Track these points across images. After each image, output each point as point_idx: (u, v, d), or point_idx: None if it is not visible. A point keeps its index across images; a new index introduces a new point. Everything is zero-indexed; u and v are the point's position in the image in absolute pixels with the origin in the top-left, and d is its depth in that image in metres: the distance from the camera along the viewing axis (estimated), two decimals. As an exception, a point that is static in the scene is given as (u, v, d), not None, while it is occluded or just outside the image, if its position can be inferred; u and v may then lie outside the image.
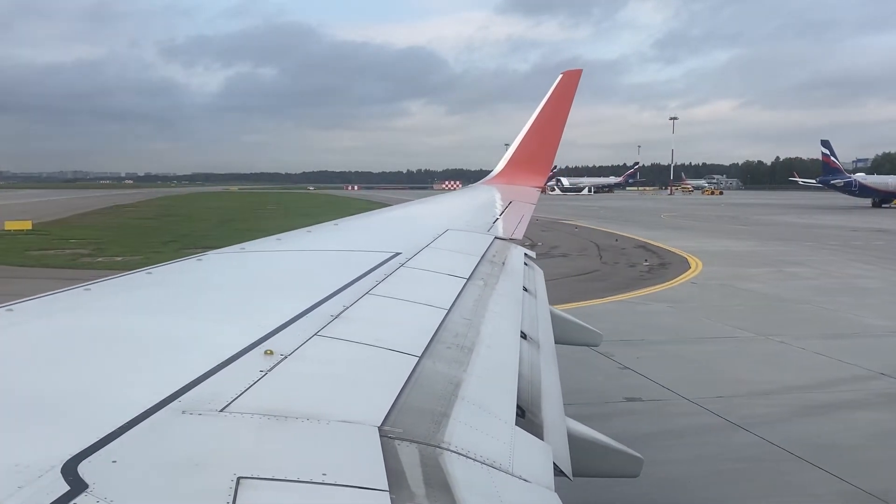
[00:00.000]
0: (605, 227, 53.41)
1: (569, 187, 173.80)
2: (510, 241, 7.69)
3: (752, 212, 77.24)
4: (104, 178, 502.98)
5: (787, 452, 10.13)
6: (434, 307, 3.84)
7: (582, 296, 22.53)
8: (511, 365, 3.36)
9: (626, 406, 12.23)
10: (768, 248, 37.65)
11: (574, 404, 11.98)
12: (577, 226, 54.67)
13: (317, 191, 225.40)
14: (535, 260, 7.76)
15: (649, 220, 64.51)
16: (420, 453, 2.07)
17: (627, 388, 13.14)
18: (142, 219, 68.13)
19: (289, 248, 5.82)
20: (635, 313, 20.23)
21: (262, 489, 1.71)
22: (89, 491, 1.59)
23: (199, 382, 2.28)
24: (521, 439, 2.53)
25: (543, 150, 13.48)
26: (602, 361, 14.67)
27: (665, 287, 24.67)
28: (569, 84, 13.22)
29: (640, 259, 32.32)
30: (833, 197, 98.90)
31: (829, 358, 15.17)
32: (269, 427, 2.04)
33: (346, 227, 7.49)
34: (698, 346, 16.50)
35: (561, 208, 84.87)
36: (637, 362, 14.66)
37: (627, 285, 25.05)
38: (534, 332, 4.41)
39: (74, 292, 3.64)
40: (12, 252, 34.99)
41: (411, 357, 2.89)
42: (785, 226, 56.14)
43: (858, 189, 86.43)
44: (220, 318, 3.33)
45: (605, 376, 13.86)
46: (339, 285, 3.88)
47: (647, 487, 8.77)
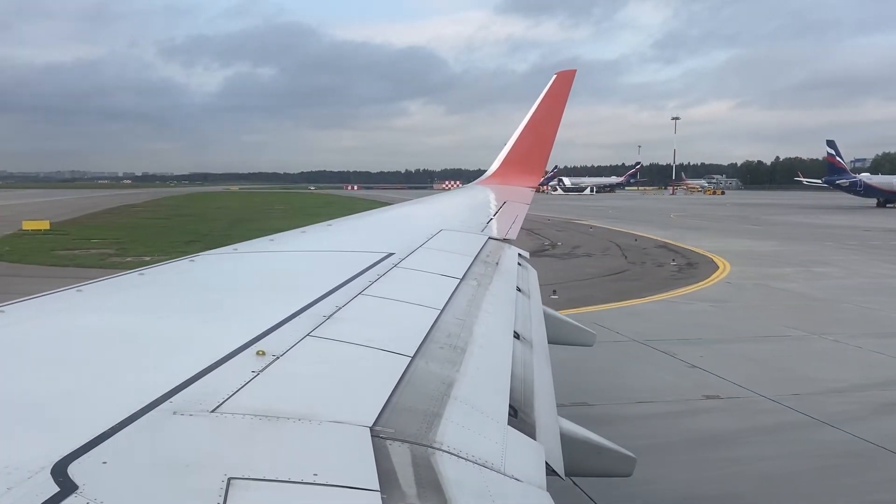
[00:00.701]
0: (619, 226, 53.15)
1: (571, 187, 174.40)
2: (504, 241, 7.70)
3: (760, 212, 76.73)
4: (102, 178, 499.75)
5: (883, 449, 10.17)
6: (427, 307, 3.84)
7: (620, 295, 22.53)
8: (504, 365, 3.36)
9: (707, 404, 12.26)
10: (789, 248, 37.45)
11: (655, 402, 12.15)
12: (591, 226, 54.37)
13: (318, 190, 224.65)
14: (528, 260, 7.76)
15: (660, 219, 64.12)
16: (412, 453, 2.07)
17: (703, 385, 13.21)
18: (154, 218, 67.21)
19: (282, 248, 5.81)
20: (681, 312, 20.32)
21: (253, 489, 1.71)
22: (79, 492, 1.59)
23: (190, 383, 2.28)
24: (514, 439, 2.53)
25: (537, 151, 13.49)
26: (666, 360, 14.82)
27: (700, 287, 24.64)
28: (563, 84, 13.24)
29: (666, 259, 32.17)
30: (833, 197, 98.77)
31: (890, 356, 15.30)
32: (260, 427, 2.03)
33: (339, 227, 7.48)
34: (756, 344, 16.56)
35: (568, 208, 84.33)
36: (702, 360, 14.77)
37: (662, 285, 24.99)
38: (527, 332, 4.42)
39: (67, 293, 3.63)
40: (40, 252, 34.60)
41: (404, 357, 2.89)
42: (797, 226, 55.86)
43: (863, 189, 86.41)
44: (213, 318, 3.32)
45: (675, 375, 13.95)
46: (332, 286, 3.88)
47: (756, 482, 9.00)
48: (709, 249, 35.71)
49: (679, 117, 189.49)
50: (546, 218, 62.82)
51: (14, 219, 58.15)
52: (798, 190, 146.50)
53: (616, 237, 44.47)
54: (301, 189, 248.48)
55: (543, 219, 62.03)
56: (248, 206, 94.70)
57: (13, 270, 28.74)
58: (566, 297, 21.43)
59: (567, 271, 28.64)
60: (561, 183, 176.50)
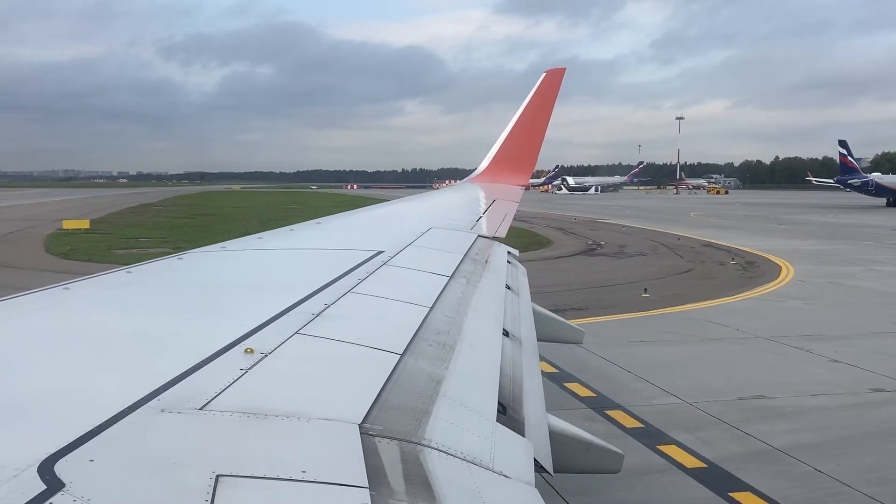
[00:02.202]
0: (649, 226, 52.17)
1: (575, 186, 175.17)
2: (493, 239, 7.71)
3: (774, 211, 75.35)
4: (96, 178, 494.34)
5: None
6: (416, 305, 3.84)
7: (709, 294, 22.32)
8: (493, 362, 3.37)
9: (878, 396, 12.26)
10: (834, 247, 36.76)
11: (828, 395, 12.25)
12: (622, 225, 53.14)
13: (320, 190, 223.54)
14: (514, 259, 7.77)
15: (684, 219, 62.60)
16: (401, 450, 2.07)
17: (861, 380, 13.18)
18: (182, 217, 65.10)
19: (270, 246, 5.80)
20: (781, 310, 20.16)
21: (242, 487, 1.71)
22: (66, 490, 1.58)
23: (178, 381, 2.27)
24: (502, 436, 2.54)
25: (527, 149, 13.50)
26: (804, 355, 14.87)
27: (778, 285, 24.33)
28: (552, 83, 13.26)
29: (723, 258, 31.62)
30: (835, 196, 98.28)
31: None
32: (248, 425, 2.03)
33: (328, 225, 7.47)
34: (881, 340, 16.43)
35: (585, 207, 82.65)
36: (840, 355, 14.77)
37: (740, 283, 24.67)
38: (516, 330, 4.43)
39: (53, 291, 3.61)
40: (98, 252, 33.81)
41: (393, 355, 2.89)
42: (823, 225, 54.81)
43: (874, 188, 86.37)
44: (200, 316, 3.31)
45: (825, 369, 13.95)
46: (321, 284, 3.88)
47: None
48: (756, 248, 35.02)
49: (683, 117, 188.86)
50: (571, 217, 62.24)
51: (40, 218, 57.68)
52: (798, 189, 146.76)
53: (655, 236, 43.60)
54: (302, 188, 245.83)
55: (569, 218, 61.38)
56: (263, 206, 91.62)
57: (90, 269, 28.14)
58: (656, 295, 21.65)
59: (632, 270, 28.37)
60: (565, 182, 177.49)
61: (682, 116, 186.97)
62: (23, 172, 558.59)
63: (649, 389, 12.52)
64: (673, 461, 9.42)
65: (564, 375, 13.22)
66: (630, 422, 10.91)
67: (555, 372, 13.38)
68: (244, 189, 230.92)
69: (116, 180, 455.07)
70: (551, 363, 13.69)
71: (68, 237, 41.20)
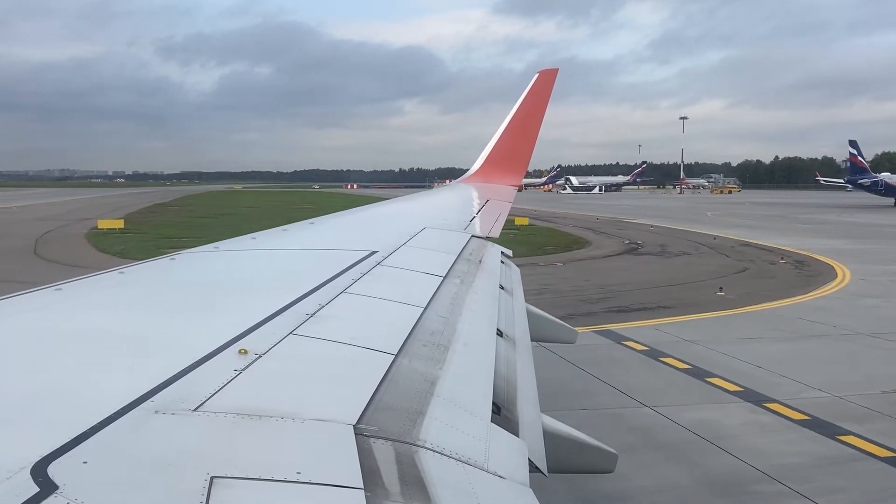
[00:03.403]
0: (674, 225, 52.06)
1: (579, 186, 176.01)
2: (487, 239, 7.71)
3: (789, 211, 75.13)
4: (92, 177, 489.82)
5: None
6: (410, 305, 3.84)
7: (780, 293, 22.35)
8: (487, 362, 3.37)
9: None
10: (870, 247, 36.73)
11: None
12: (650, 225, 52.94)
13: (323, 189, 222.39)
14: (507, 259, 7.78)
15: (705, 218, 62.18)
16: (395, 451, 2.07)
17: None
18: (204, 217, 64.51)
19: (264, 246, 5.79)
20: (862, 307, 20.29)
21: (236, 488, 1.70)
22: (59, 492, 1.57)
23: (172, 382, 2.26)
24: (497, 436, 2.54)
25: (520, 149, 13.51)
26: None
27: (842, 284, 24.32)
28: (545, 83, 13.27)
29: (772, 257, 31.67)
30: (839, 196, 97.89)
31: None
32: (243, 426, 2.03)
33: (321, 225, 7.46)
34: None
35: (600, 207, 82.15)
36: None
37: (803, 283, 24.72)
38: (510, 330, 4.44)
39: (45, 292, 3.60)
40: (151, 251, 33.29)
41: (387, 355, 2.88)
42: (846, 225, 54.57)
43: (884, 188, 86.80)
44: (194, 317, 3.30)
45: None
46: (315, 284, 3.87)
47: None
48: (795, 247, 34.91)
49: (687, 116, 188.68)
50: (592, 217, 61.95)
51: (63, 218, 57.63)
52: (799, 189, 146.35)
53: (688, 236, 43.47)
54: (304, 188, 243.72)
55: (590, 218, 61.10)
56: (277, 205, 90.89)
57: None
58: (730, 294, 21.81)
59: (688, 269, 28.38)
60: (569, 182, 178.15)
61: (685, 116, 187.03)
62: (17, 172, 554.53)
63: (789, 384, 12.81)
64: (861, 450, 9.74)
65: (700, 371, 13.63)
66: (795, 414, 11.23)
67: (688, 368, 13.87)
68: (246, 189, 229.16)
69: (113, 180, 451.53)
70: (678, 358, 14.38)
71: (106, 237, 40.99)
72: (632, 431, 10.66)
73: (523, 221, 51.70)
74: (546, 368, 13.73)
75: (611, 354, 15.25)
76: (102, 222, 48.16)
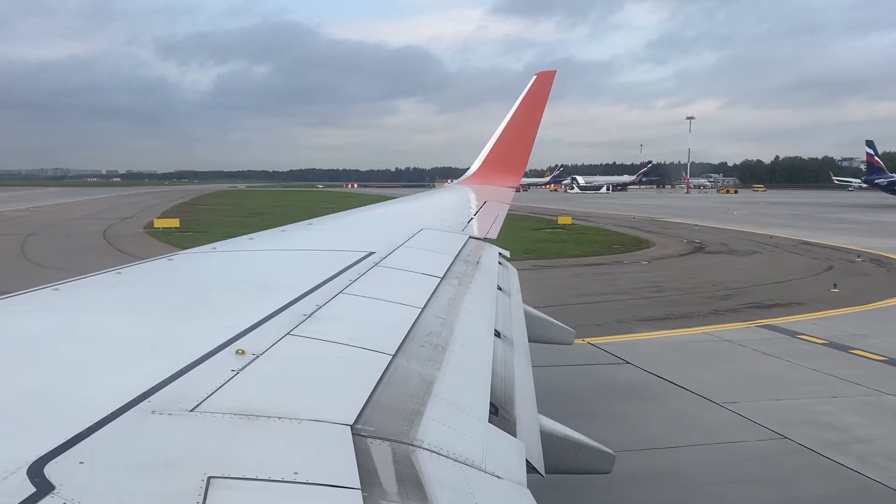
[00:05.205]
0: (716, 224, 50.95)
1: (586, 185, 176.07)
2: (484, 240, 7.71)
3: (810, 210, 73.65)
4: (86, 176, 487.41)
5: None
6: (408, 306, 3.84)
7: (889, 291, 22.04)
8: (484, 363, 3.37)
9: None
10: None
11: None
12: (696, 224, 51.41)
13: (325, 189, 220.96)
14: (505, 260, 7.78)
15: (739, 217, 60.57)
16: (393, 451, 2.07)
17: None
18: (242, 216, 62.64)
19: (261, 247, 5.79)
20: None
21: (233, 489, 1.70)
22: (56, 492, 1.57)
23: (169, 382, 2.26)
24: (494, 437, 2.54)
25: (518, 151, 13.53)
26: None
27: None
28: (543, 85, 13.29)
29: (844, 256, 31.10)
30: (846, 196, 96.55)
31: None
32: (240, 426, 2.02)
33: (319, 226, 7.46)
34: None
35: (624, 207, 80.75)
36: None
37: None
38: (508, 331, 4.44)
39: (43, 292, 3.59)
40: None
41: (385, 356, 2.88)
42: (881, 224, 53.19)
43: None
44: (192, 317, 3.30)
45: None
46: (313, 284, 3.87)
47: None
48: (855, 246, 34.18)
49: (694, 116, 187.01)
50: (627, 217, 60.87)
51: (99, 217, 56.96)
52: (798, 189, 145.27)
53: (740, 235, 42.29)
54: (307, 188, 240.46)
55: (625, 217, 59.98)
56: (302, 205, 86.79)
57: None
58: (846, 290, 21.69)
59: (774, 268, 27.80)
60: (575, 181, 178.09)
61: (692, 116, 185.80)
62: (10, 171, 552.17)
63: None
64: None
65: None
66: None
67: (884, 359, 14.02)
68: (251, 188, 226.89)
69: (109, 179, 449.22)
70: (867, 350, 14.56)
71: (171, 236, 40.02)
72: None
73: (566, 221, 50.74)
74: (759, 362, 13.94)
75: (800, 348, 15.06)
76: (158, 221, 47.71)
